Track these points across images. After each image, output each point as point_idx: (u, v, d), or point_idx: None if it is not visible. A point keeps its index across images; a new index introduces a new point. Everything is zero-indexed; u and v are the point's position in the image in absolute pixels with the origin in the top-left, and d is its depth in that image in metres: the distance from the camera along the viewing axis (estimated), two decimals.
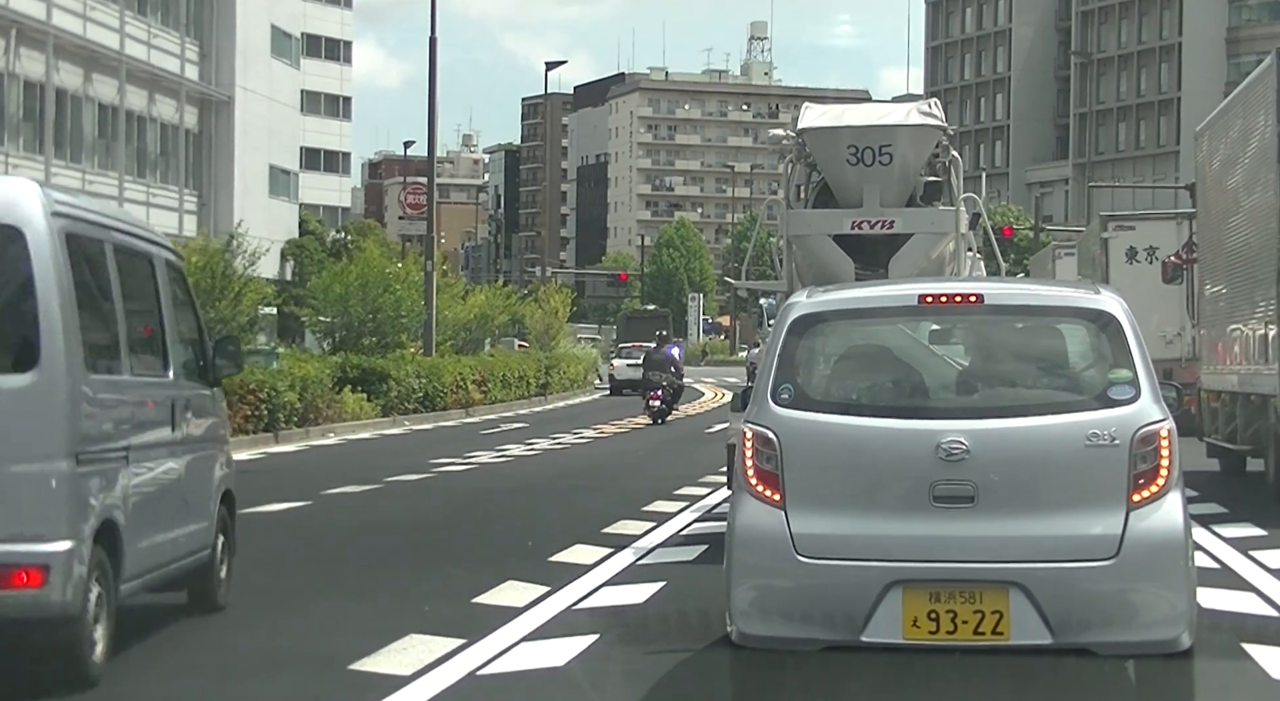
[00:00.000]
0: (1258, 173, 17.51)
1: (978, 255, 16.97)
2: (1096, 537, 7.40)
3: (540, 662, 8.84)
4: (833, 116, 15.57)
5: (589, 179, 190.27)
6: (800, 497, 7.61)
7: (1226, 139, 19.90)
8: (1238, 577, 12.07)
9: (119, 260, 9.10)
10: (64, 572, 7.90)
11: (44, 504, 7.95)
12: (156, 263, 9.93)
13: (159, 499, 9.39)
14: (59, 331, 7.97)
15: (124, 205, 48.44)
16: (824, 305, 8.15)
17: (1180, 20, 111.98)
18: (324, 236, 76.31)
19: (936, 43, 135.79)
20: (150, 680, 8.71)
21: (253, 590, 11.79)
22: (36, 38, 44.64)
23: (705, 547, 13.65)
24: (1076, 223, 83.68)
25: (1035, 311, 8.15)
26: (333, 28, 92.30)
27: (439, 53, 44.41)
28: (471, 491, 20.11)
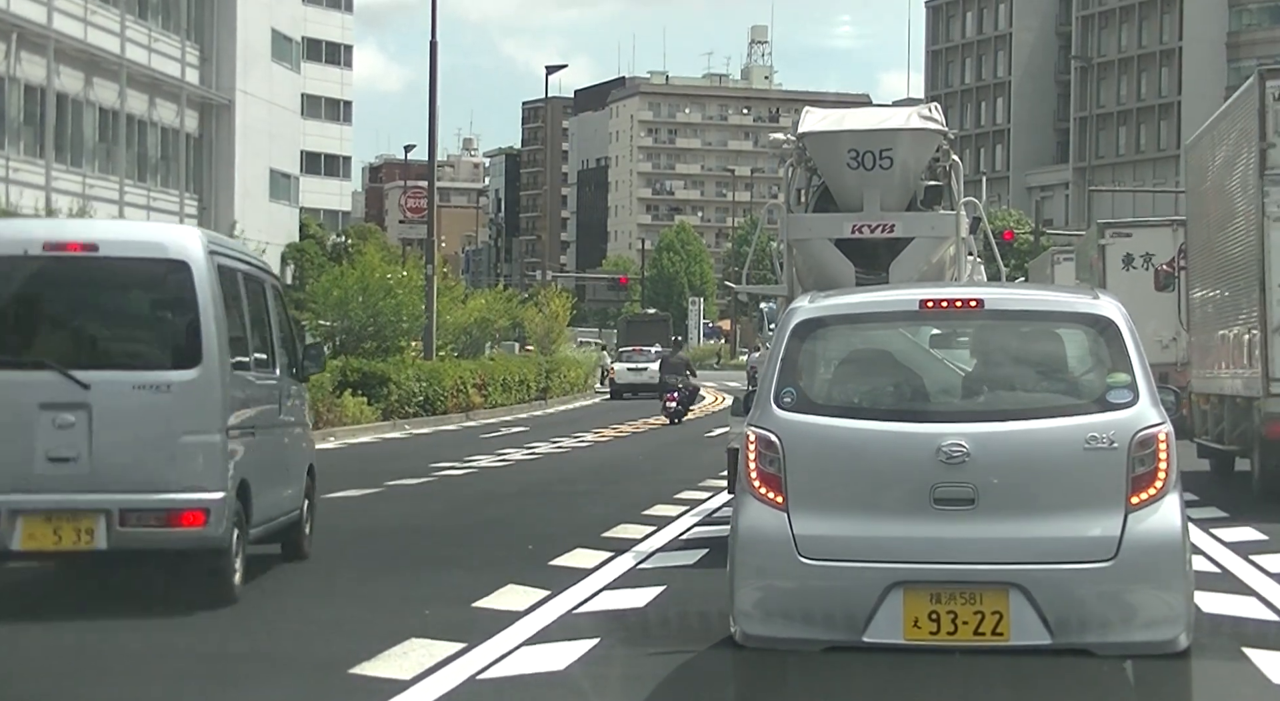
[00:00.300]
0: (1241, 185, 18.27)
1: (978, 259, 16.97)
2: (1095, 539, 7.48)
3: (541, 666, 8.84)
4: (833, 121, 15.58)
5: (589, 183, 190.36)
6: (803, 500, 7.70)
7: (1213, 152, 20.70)
8: (1238, 582, 12.07)
9: (246, 285, 12.02)
10: (218, 515, 10.77)
11: (205, 464, 10.79)
12: (266, 286, 12.81)
13: (271, 467, 12.17)
14: (214, 338, 10.84)
15: (124, 209, 48.49)
16: (826, 310, 8.22)
17: (1180, 25, 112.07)
18: (324, 240, 76.32)
19: (937, 47, 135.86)
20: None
21: (253, 593, 11.80)
22: (37, 42, 44.66)
23: (705, 551, 13.65)
24: (1077, 227, 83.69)
25: (1035, 316, 8.26)
26: (333, 32, 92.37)
27: (439, 57, 44.50)
28: (472, 495, 20.11)
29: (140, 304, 11.41)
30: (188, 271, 10.86)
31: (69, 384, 10.65)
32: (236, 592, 11.12)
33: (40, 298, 11.24)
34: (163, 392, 10.76)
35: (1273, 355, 17.19)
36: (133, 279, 11.19)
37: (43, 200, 42.84)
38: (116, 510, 10.59)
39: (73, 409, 10.62)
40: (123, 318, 11.48)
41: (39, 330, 11.29)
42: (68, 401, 10.62)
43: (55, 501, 10.61)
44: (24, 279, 11.10)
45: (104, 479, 10.60)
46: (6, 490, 10.59)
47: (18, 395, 10.68)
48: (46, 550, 10.77)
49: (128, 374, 10.85)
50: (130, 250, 11.17)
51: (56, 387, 10.65)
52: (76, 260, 10.98)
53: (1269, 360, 17.28)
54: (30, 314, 11.24)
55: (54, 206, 41.83)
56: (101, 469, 10.60)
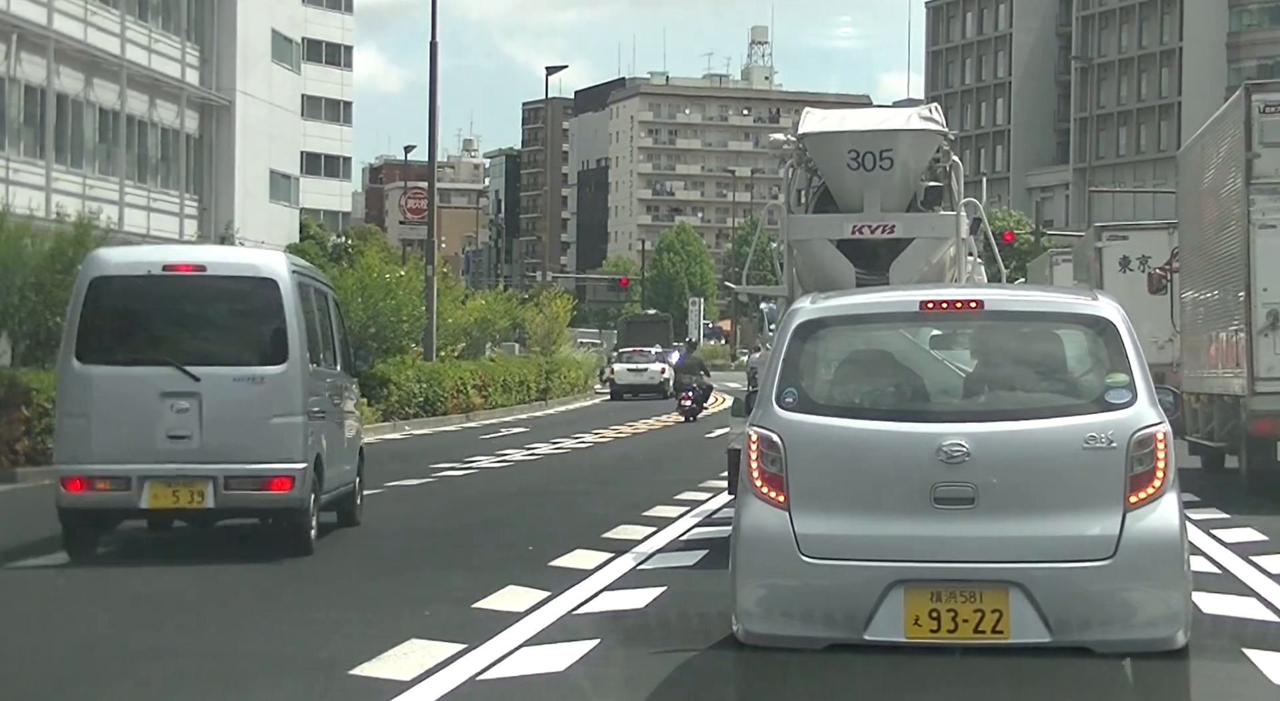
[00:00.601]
0: (1229, 193, 19.08)
1: (978, 260, 16.99)
2: (1094, 538, 7.52)
3: (541, 667, 8.85)
4: (833, 121, 15.59)
5: (589, 183, 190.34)
6: (804, 499, 7.75)
7: (1203, 161, 21.50)
8: (1239, 582, 12.08)
9: (316, 298, 14.80)
10: (301, 482, 13.52)
11: (290, 441, 13.51)
12: (329, 298, 15.67)
13: (335, 445, 14.82)
14: (296, 341, 13.57)
15: (125, 210, 48.49)
16: (827, 311, 8.28)
17: (1181, 25, 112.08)
18: (324, 241, 76.30)
19: (937, 47, 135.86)
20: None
21: (253, 594, 11.82)
22: (38, 42, 44.64)
23: (706, 552, 13.66)
24: (1077, 227, 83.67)
25: (1034, 317, 8.32)
26: (333, 32, 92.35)
27: (439, 57, 44.50)
28: (472, 496, 20.12)
29: (239, 313, 14.10)
30: (276, 287, 13.63)
31: (184, 377, 13.39)
32: (312, 545, 13.87)
33: (160, 308, 14.09)
34: (257, 384, 13.50)
35: (1258, 356, 17.96)
36: (233, 293, 14.01)
37: (42, 201, 42.84)
38: (222, 477, 13.39)
39: (187, 397, 13.37)
40: (225, 324, 14.24)
41: (160, 334, 14.07)
42: (183, 390, 13.36)
43: (174, 470, 13.36)
44: (148, 294, 13.94)
45: (212, 452, 13.33)
46: (135, 461, 13.32)
47: (144, 386, 13.39)
48: (167, 508, 13.56)
49: (229, 369, 13.54)
50: (231, 270, 14.16)
51: (174, 380, 13.38)
52: (189, 278, 13.87)
53: (1254, 360, 18.05)
54: (153, 321, 14.16)
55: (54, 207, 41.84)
56: (209, 444, 13.32)
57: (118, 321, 13.93)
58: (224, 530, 15.65)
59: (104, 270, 13.87)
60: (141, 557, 14.07)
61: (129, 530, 14.79)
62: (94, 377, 13.50)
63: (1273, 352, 17.94)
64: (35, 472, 21.99)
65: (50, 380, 22.28)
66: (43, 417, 22.18)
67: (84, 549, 13.72)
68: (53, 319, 27.48)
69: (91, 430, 13.43)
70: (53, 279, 27.41)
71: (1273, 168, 17.89)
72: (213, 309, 14.21)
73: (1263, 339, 17.92)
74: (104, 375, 13.48)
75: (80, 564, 13.46)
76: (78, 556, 13.61)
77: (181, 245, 20.05)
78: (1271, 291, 17.92)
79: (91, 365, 13.52)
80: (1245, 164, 18.03)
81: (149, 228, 49.71)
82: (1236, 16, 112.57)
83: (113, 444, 13.37)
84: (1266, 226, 17.88)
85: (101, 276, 13.77)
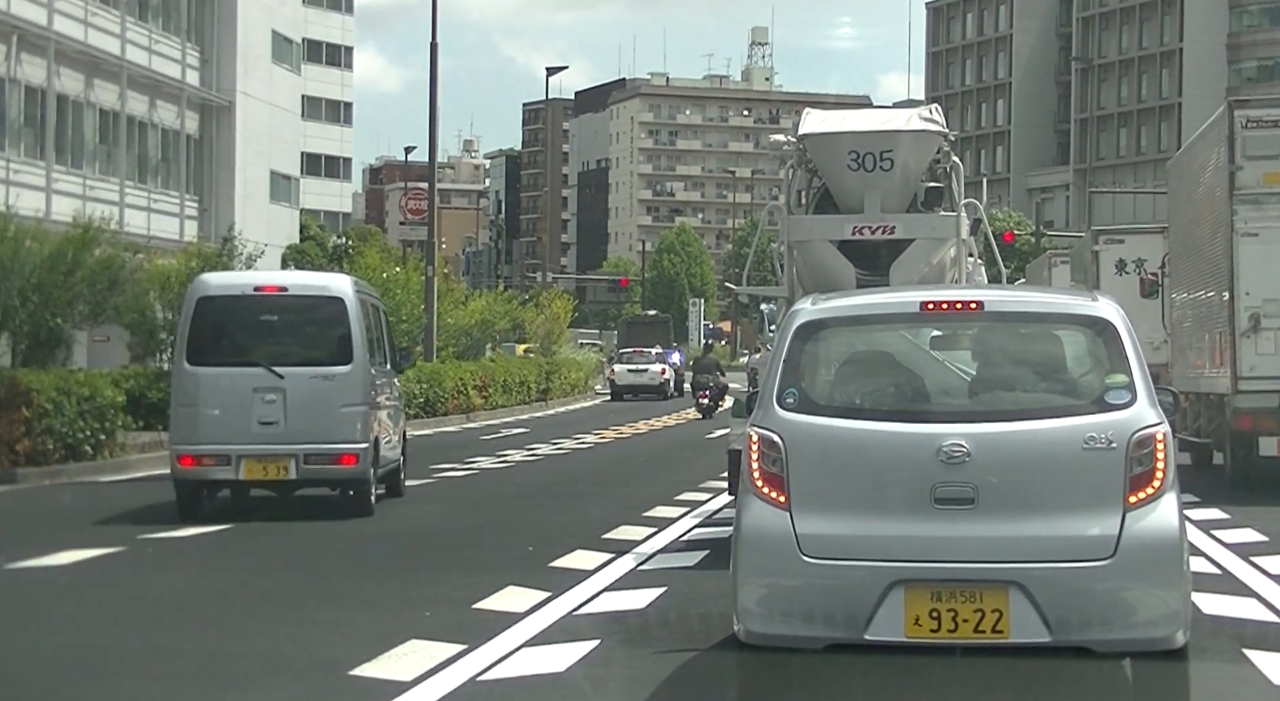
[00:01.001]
0: (1213, 204, 20.15)
1: (979, 260, 16.99)
2: (1094, 538, 7.53)
3: (541, 668, 8.85)
4: (834, 122, 15.59)
5: (590, 184, 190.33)
6: (805, 499, 7.76)
7: (1191, 172, 22.67)
8: (1239, 583, 12.09)
9: (372, 311, 18.40)
10: (364, 458, 16.95)
11: (357, 425, 16.96)
12: (380, 310, 19.39)
13: (386, 430, 18.21)
14: (359, 346, 17.07)
15: (125, 211, 48.46)
16: (828, 312, 8.30)
17: (1181, 26, 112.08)
18: (325, 242, 76.34)
19: (937, 48, 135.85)
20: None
21: (253, 595, 11.83)
22: (38, 43, 44.62)
23: (706, 553, 13.66)
24: (1078, 228, 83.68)
25: (1034, 318, 8.34)
26: (334, 33, 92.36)
27: (440, 58, 44.49)
28: (472, 496, 20.13)
29: (314, 324, 17.65)
30: (343, 304, 17.29)
31: (271, 375, 16.90)
32: (373, 508, 17.33)
33: (251, 321, 17.64)
34: (329, 380, 17.06)
35: (1241, 356, 18.99)
36: (309, 309, 17.73)
37: (43, 202, 42.85)
38: (302, 455, 16.89)
39: (274, 391, 16.90)
40: (303, 333, 17.75)
41: (252, 341, 17.54)
42: (271, 386, 16.90)
43: (264, 450, 16.89)
44: (242, 309, 17.58)
45: (294, 435, 16.84)
46: (234, 442, 16.85)
47: (240, 383, 16.94)
48: (259, 479, 17.10)
49: (307, 369, 17.10)
50: (307, 290, 18.09)
51: (263, 378, 16.89)
52: (274, 297, 17.75)
53: (1237, 360, 19.06)
54: (246, 331, 17.63)
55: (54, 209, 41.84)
56: (292, 428, 16.83)
57: (219, 331, 17.46)
58: (225, 531, 15.70)
59: (208, 291, 17.63)
60: (142, 558, 14.09)
61: (129, 531, 14.80)
62: (200, 376, 17.04)
63: (1254, 353, 18.90)
64: (35, 473, 21.99)
65: (50, 381, 22.62)
66: (43, 418, 22.18)
67: (191, 511, 16.98)
68: (53, 320, 27.52)
69: (199, 418, 16.95)
70: (54, 280, 27.43)
71: (1254, 179, 18.84)
72: (293, 321, 17.77)
73: (1245, 340, 18.91)
74: (208, 374, 17.06)
75: (87, 569, 13.46)
76: (187, 516, 16.86)
77: (270, 272, 24.31)
78: (1253, 295, 18.90)
79: (199, 366, 17.05)
80: (1229, 176, 18.99)
81: (149, 229, 49.68)
82: (1237, 17, 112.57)
83: (216, 428, 16.88)
84: (1248, 234, 18.89)
85: (206, 296, 17.49)
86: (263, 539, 15.59)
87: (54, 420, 22.38)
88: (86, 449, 23.24)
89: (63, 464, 22.66)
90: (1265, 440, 19.03)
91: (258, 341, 17.54)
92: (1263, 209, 18.93)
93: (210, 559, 14.07)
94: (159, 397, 28.05)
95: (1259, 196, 18.92)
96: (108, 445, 23.93)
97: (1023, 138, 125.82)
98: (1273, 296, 18.87)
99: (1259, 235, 18.87)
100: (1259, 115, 19.04)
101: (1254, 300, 18.92)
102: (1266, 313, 18.90)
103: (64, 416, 22.55)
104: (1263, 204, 18.93)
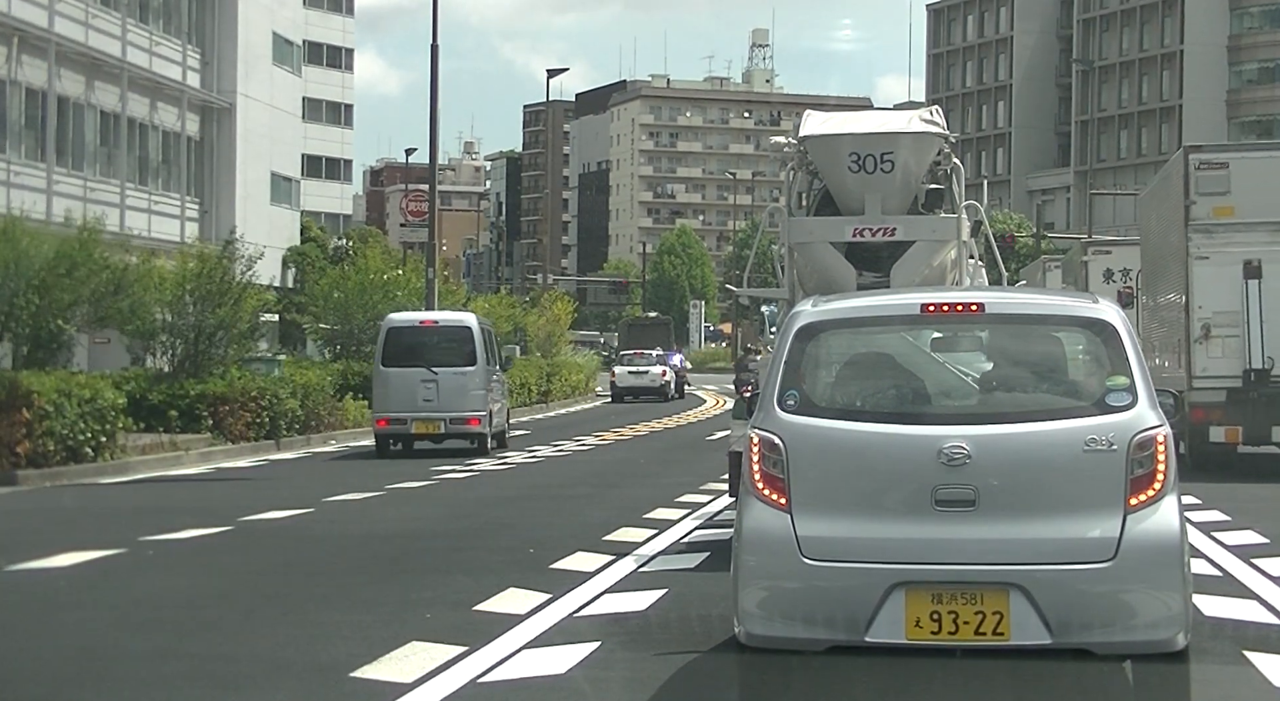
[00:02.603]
0: (1173, 232, 23.87)
1: (979, 263, 16.99)
2: (1095, 540, 7.54)
3: (542, 670, 8.85)
4: (834, 124, 15.59)
5: (590, 186, 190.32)
6: (806, 501, 7.77)
7: (1156, 205, 26.74)
8: (1240, 585, 12.08)
9: (485, 332, 29.72)
10: (484, 421, 28.54)
11: (481, 401, 28.43)
12: (492, 333, 31.48)
13: (498, 405, 29.81)
14: (480, 353, 28.58)
15: (126, 213, 48.48)
16: (828, 314, 8.31)
17: (1181, 28, 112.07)
18: (326, 243, 76.29)
19: (938, 50, 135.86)
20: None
21: (254, 597, 11.82)
22: (39, 45, 44.62)
23: (707, 555, 13.65)
24: (1078, 230, 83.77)
25: (1035, 320, 8.34)
26: (334, 35, 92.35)
27: (440, 60, 44.48)
28: (473, 498, 20.13)
29: (454, 341, 28.50)
30: (470, 330, 28.50)
31: (429, 372, 27.73)
32: (490, 452, 27.78)
33: (418, 341, 28.58)
34: (464, 375, 27.93)
35: (1195, 359, 22.72)
36: (453, 334, 28.86)
37: (44, 204, 42.85)
38: (448, 418, 28.13)
39: (432, 382, 27.90)
40: (447, 347, 28.49)
41: (419, 353, 28.38)
42: (429, 379, 27.79)
43: (425, 416, 28.08)
44: (412, 334, 28.87)
45: (443, 407, 27.93)
46: (408, 411, 28.14)
47: (412, 377, 28.07)
48: (423, 433, 28.40)
49: (451, 369, 28.01)
50: (450, 322, 30.00)
51: (425, 374, 27.89)
52: (431, 327, 29.44)
53: (1192, 363, 22.81)
54: (415, 348, 28.42)
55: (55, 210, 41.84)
56: (442, 403, 27.81)
57: (401, 348, 28.43)
58: (225, 533, 15.65)
59: (394, 324, 29.48)
60: (142, 560, 14.08)
61: (130, 533, 14.76)
62: (390, 374, 28.23)
63: (1206, 356, 22.60)
64: (36, 475, 21.99)
65: (51, 383, 22.70)
66: (44, 420, 22.18)
67: (384, 453, 28.35)
68: (54, 322, 27.52)
69: (389, 397, 28.27)
70: (55, 282, 27.43)
71: (1205, 212, 22.48)
72: (441, 341, 28.79)
73: (1198, 346, 22.66)
74: (394, 372, 28.18)
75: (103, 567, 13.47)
76: (382, 452, 28.22)
77: (425, 313, 34.47)
78: (1205, 308, 22.52)
79: (389, 368, 28.28)
80: (1184, 209, 22.59)
81: (150, 230, 49.69)
82: (1237, 19, 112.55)
83: (398, 403, 28.10)
84: (1201, 258, 22.55)
85: (394, 326, 29.15)
86: (263, 541, 15.58)
87: (55, 422, 22.38)
88: (87, 451, 23.25)
89: (63, 466, 22.66)
90: (1215, 429, 22.53)
91: (421, 353, 28.37)
92: (1213, 237, 22.45)
93: (210, 561, 14.07)
94: (159, 399, 28.10)
95: (1209, 227, 22.46)
96: (108, 447, 23.93)
97: (1023, 139, 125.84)
98: (1221, 310, 22.35)
99: (1210, 258, 22.42)
100: (1209, 159, 22.73)
101: (1205, 312, 22.51)
102: (1216, 323, 22.44)
103: (65, 418, 22.56)
104: (1212, 233, 22.45)
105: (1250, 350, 22.15)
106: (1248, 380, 22.24)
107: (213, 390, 28.81)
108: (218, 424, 28.55)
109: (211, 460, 26.92)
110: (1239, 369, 22.26)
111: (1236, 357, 22.28)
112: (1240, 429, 22.39)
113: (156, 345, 31.06)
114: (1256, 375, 22.20)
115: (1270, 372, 22.18)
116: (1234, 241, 22.30)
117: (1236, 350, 22.26)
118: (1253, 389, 22.23)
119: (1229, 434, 22.42)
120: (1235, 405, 22.26)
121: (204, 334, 30.43)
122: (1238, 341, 22.23)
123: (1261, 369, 22.17)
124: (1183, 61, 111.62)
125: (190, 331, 30.47)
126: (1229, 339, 22.35)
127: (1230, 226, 22.36)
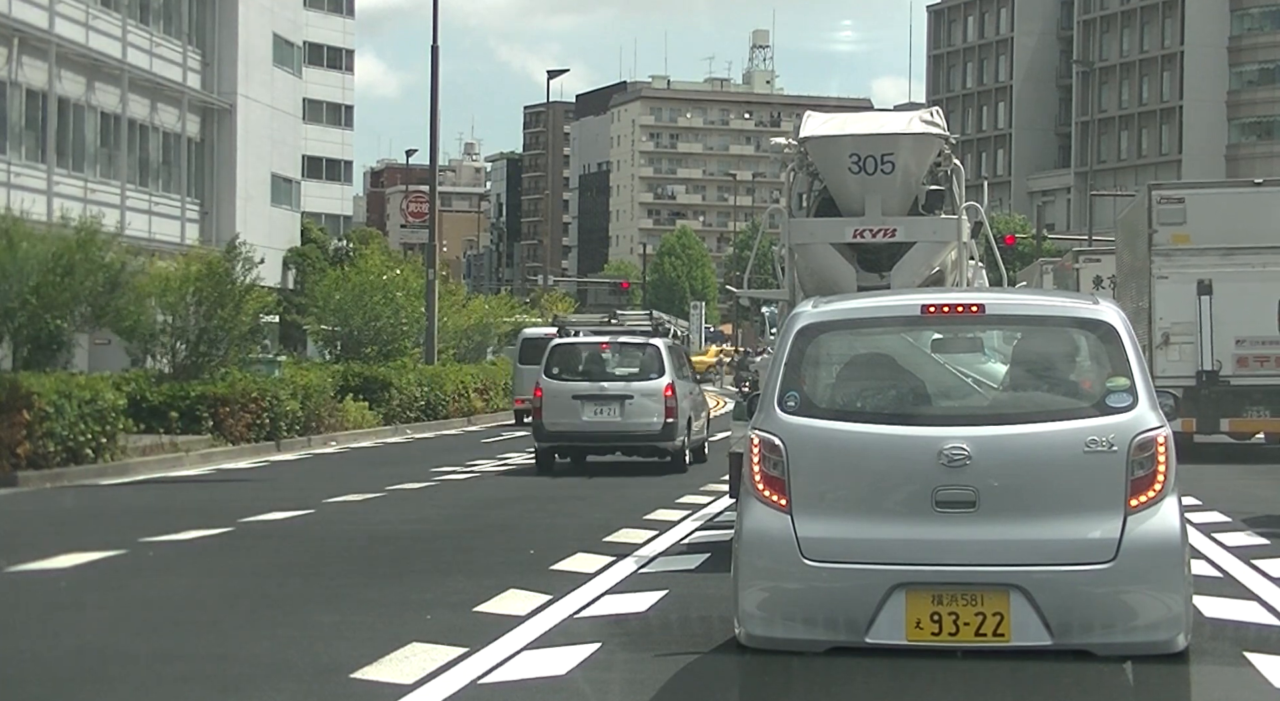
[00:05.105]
0: (1139, 255, 27.46)
1: (980, 264, 16.99)
2: (1095, 541, 7.54)
3: (542, 671, 8.85)
4: (835, 125, 15.59)
5: (591, 187, 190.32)
6: (806, 502, 7.77)
7: (1128, 233, 30.23)
8: (1240, 586, 12.08)
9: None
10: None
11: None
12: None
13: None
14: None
15: (126, 214, 48.48)
16: (829, 315, 8.30)
17: (1182, 29, 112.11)
18: (326, 245, 76.25)
19: (938, 51, 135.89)
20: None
21: (254, 598, 11.82)
22: (39, 46, 44.65)
23: (707, 556, 13.65)
24: (1079, 231, 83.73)
25: (1035, 321, 8.33)
26: (335, 36, 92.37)
27: (441, 61, 44.51)
28: (473, 500, 20.12)
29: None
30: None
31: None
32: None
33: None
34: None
35: (1155, 362, 25.37)
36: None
37: (44, 205, 42.85)
38: None
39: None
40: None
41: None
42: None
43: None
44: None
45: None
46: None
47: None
48: None
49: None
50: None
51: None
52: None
53: (1152, 365, 24.25)
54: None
55: (55, 211, 41.84)
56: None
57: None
58: (225, 535, 15.70)
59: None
60: (143, 561, 14.08)
61: (130, 534, 14.78)
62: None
63: (1165, 359, 26.01)
64: (36, 476, 21.98)
65: (51, 384, 22.67)
66: (44, 421, 22.17)
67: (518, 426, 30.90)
68: (54, 322, 27.50)
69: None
70: (54, 283, 27.42)
71: (1165, 239, 26.30)
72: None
73: (1159, 350, 26.01)
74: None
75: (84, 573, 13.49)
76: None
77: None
78: (1165, 320, 26.21)
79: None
80: (1148, 236, 26.45)
81: (150, 231, 49.70)
82: (1238, 20, 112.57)
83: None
84: (1161, 277, 26.31)
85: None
86: (263, 542, 15.57)
87: (55, 423, 22.37)
88: (87, 452, 23.23)
89: (63, 467, 22.65)
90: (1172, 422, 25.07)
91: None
92: (1171, 260, 26.23)
93: (211, 562, 14.07)
94: (160, 400, 28.08)
95: (1169, 251, 26.26)
96: (109, 448, 23.92)
97: (1024, 141, 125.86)
98: (1179, 320, 26.06)
99: (1169, 278, 26.22)
100: (1168, 194, 26.82)
101: (1165, 323, 26.18)
102: (1174, 331, 26.15)
103: (65, 419, 22.55)
104: (1171, 256, 26.25)
105: (1202, 354, 25.89)
106: (1200, 380, 25.91)
107: (213, 391, 28.80)
108: (218, 425, 28.54)
109: (212, 461, 26.91)
110: (1193, 370, 25.95)
111: (1191, 361, 26.00)
112: (1195, 420, 25.91)
113: (157, 347, 31.05)
114: (1207, 376, 25.93)
115: (1218, 374, 25.96)
116: (1189, 264, 26.10)
117: (1191, 355, 26.01)
118: (1204, 387, 25.94)
119: (1185, 425, 25.35)
120: (1190, 401, 25.52)
121: (205, 337, 30.43)
122: (1192, 347, 26.00)
123: (1211, 370, 25.93)
124: (1183, 63, 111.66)
125: (192, 334, 30.48)
126: (1185, 345, 26.12)
127: (1186, 251, 26.16)
